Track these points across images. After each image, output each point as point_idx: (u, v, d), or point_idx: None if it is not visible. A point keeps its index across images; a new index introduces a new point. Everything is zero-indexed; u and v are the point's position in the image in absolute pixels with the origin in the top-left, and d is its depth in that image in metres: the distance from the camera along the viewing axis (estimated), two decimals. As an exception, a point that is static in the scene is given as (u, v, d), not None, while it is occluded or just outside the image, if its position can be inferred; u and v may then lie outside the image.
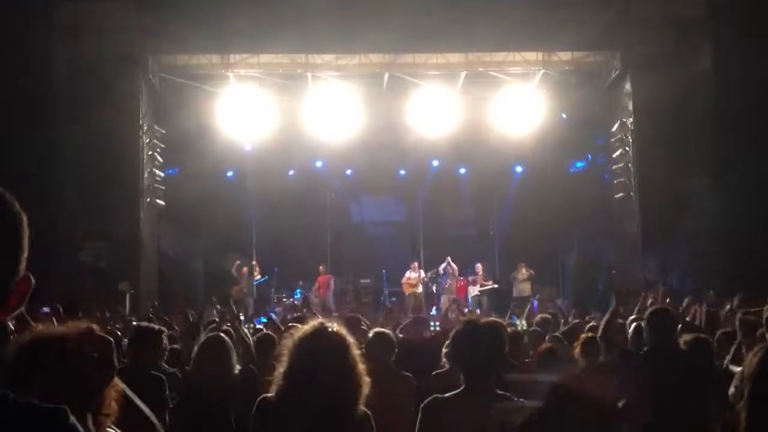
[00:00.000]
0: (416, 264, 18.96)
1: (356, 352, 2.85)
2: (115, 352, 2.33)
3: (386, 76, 17.51)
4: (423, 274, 18.86)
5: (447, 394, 3.18)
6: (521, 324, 6.26)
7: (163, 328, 5.48)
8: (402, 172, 21.44)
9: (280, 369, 2.84)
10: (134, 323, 5.66)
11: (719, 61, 15.90)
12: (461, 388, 3.17)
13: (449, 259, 18.84)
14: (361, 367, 2.83)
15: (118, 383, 2.50)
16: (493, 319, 3.42)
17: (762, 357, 2.48)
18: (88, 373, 2.16)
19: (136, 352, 4.98)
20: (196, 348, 5.00)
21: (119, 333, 6.53)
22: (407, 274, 18.89)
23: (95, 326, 2.30)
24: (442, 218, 21.91)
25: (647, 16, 16.44)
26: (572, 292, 19.35)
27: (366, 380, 2.83)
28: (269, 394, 2.85)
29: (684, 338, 5.50)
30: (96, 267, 15.58)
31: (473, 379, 3.15)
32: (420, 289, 18.73)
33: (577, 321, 8.36)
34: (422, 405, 3.19)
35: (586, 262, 19.65)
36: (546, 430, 2.75)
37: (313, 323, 2.91)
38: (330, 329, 2.85)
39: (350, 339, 2.85)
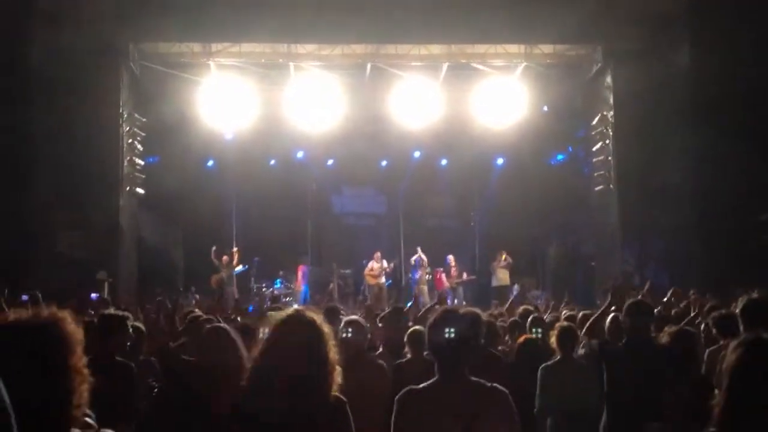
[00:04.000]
0: (378, 254, 18.95)
1: (330, 339, 2.86)
2: (63, 345, 2.20)
3: (368, 66, 17.48)
4: (386, 265, 18.88)
5: (421, 385, 3.19)
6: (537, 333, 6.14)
7: (128, 314, 5.45)
8: (383, 163, 21.44)
9: (255, 353, 2.86)
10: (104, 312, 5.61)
11: (698, 55, 16.03)
12: (435, 378, 3.19)
13: (419, 249, 18.85)
14: (334, 353, 2.85)
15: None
16: (470, 309, 3.43)
17: (741, 352, 2.51)
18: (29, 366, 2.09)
19: (102, 339, 4.96)
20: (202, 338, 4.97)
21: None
22: (370, 264, 18.92)
23: (67, 316, 2.24)
24: (423, 209, 21.97)
25: (628, 10, 16.51)
26: (551, 283, 19.48)
27: (338, 368, 2.85)
28: (243, 382, 2.87)
29: (668, 330, 5.58)
30: (74, 255, 15.48)
31: (448, 369, 3.17)
32: (383, 279, 18.77)
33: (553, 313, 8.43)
34: (397, 396, 3.20)
35: (565, 254, 19.79)
36: None
37: (288, 310, 2.93)
38: (305, 316, 2.87)
39: (325, 327, 2.87)
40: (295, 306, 3.09)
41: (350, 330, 5.14)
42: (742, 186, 15.11)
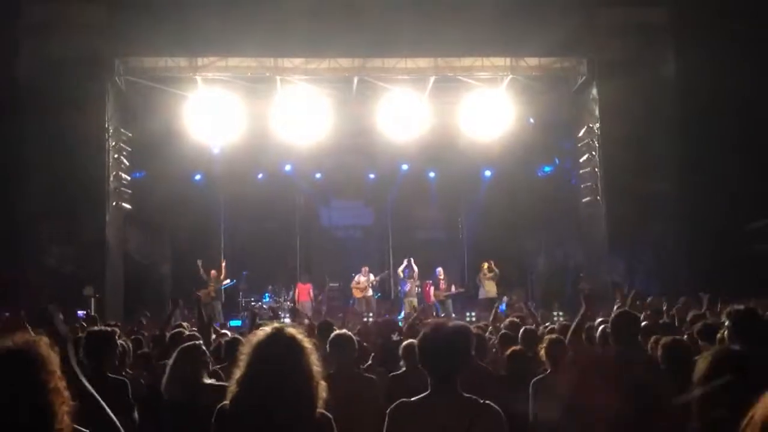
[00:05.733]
0: (366, 269, 18.96)
1: (313, 356, 2.83)
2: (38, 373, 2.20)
3: (355, 80, 17.51)
4: (372, 278, 18.87)
5: (413, 398, 3.17)
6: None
7: (116, 330, 5.40)
8: (371, 175, 21.45)
9: (237, 375, 2.82)
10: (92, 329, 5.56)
11: (683, 66, 16.20)
12: (428, 392, 3.17)
13: (412, 261, 18.84)
14: (317, 368, 2.82)
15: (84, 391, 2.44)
16: (460, 322, 3.41)
17: (710, 361, 2.52)
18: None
19: (92, 356, 4.91)
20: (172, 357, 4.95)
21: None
22: (356, 278, 18.92)
23: (41, 339, 2.23)
24: (412, 222, 21.98)
25: (612, 22, 16.69)
26: (540, 294, 19.49)
27: (323, 384, 2.81)
28: (226, 402, 2.83)
29: (659, 340, 5.56)
30: (61, 270, 15.36)
31: (440, 383, 3.15)
32: (370, 292, 18.76)
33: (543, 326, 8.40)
34: (389, 410, 3.18)
35: (554, 265, 19.82)
36: None
37: (269, 328, 2.89)
38: (286, 333, 2.83)
39: (307, 343, 2.84)
40: (276, 323, 3.02)
41: (339, 345, 5.12)
42: (730, 195, 15.22)
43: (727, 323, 4.82)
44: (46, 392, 2.14)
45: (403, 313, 17.50)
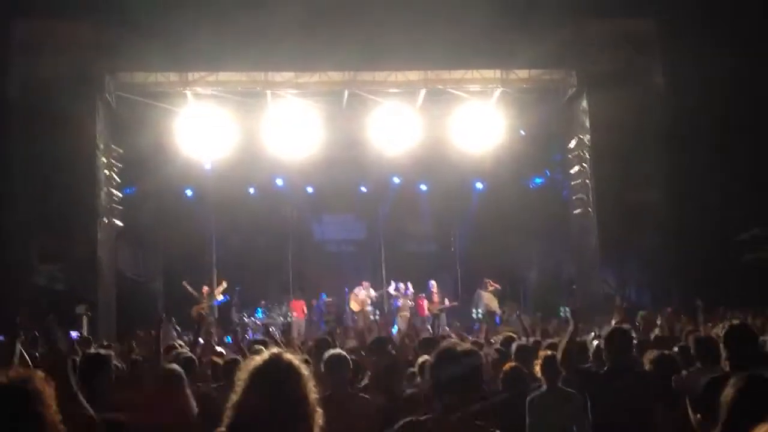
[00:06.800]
0: (367, 283, 18.98)
1: (310, 381, 2.82)
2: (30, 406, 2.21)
3: (346, 93, 17.54)
4: (373, 293, 18.87)
5: (422, 417, 3.18)
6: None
7: (110, 353, 5.36)
8: (363, 189, 21.45)
9: (233, 400, 2.80)
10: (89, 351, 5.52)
11: (671, 77, 16.31)
12: (438, 412, 3.17)
13: (409, 284, 18.92)
14: (314, 395, 2.80)
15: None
16: (470, 346, 3.44)
17: (740, 387, 2.51)
18: None
19: (87, 380, 4.88)
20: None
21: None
22: (356, 290, 18.92)
23: (35, 373, 2.23)
24: (404, 235, 21.97)
25: (601, 34, 16.81)
26: (533, 307, 19.49)
27: (319, 411, 2.80)
28: (222, 429, 2.81)
29: (649, 355, 5.58)
30: (52, 289, 15.28)
31: (451, 405, 3.16)
32: (368, 307, 18.75)
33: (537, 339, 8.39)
34: (396, 427, 3.18)
35: (546, 278, 19.85)
36: None
37: (266, 353, 2.87)
38: (283, 360, 2.82)
39: (304, 370, 2.82)
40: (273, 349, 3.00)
41: (333, 364, 5.10)
42: (720, 206, 15.31)
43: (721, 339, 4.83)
44: (42, 426, 2.13)
45: (396, 328, 17.48)
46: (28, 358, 5.13)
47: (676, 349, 6.55)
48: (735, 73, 14.84)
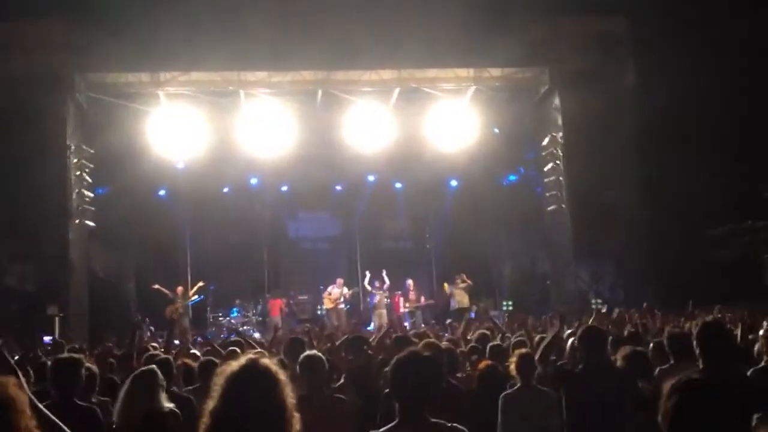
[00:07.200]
0: (341, 281, 18.97)
1: (287, 386, 2.82)
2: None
3: (320, 92, 17.52)
4: (346, 291, 18.87)
5: (382, 429, 3.20)
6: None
7: (81, 357, 5.32)
8: (338, 187, 21.44)
9: (209, 406, 2.80)
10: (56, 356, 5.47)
11: (643, 75, 16.49)
12: (396, 421, 3.19)
13: (384, 273, 18.89)
14: (291, 400, 2.81)
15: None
16: (429, 351, 3.45)
17: (676, 401, 2.55)
18: None
19: (59, 384, 4.85)
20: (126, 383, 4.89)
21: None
22: (329, 289, 18.92)
23: (8, 380, 2.22)
24: (379, 232, 22.01)
25: (573, 34, 16.96)
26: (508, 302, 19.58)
27: (296, 416, 2.81)
28: None
29: (621, 352, 5.63)
30: (22, 290, 15.12)
31: (409, 411, 3.18)
32: (342, 305, 18.74)
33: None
34: None
35: (521, 273, 19.98)
36: None
37: (242, 359, 2.87)
38: (260, 365, 2.82)
39: (281, 375, 2.83)
40: (249, 355, 3.00)
41: (309, 366, 5.10)
42: (694, 201, 15.51)
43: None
44: None
45: (372, 325, 17.50)
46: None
47: (651, 345, 6.63)
48: (705, 72, 15.05)
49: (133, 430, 4.68)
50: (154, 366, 4.99)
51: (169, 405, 4.78)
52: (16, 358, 7.26)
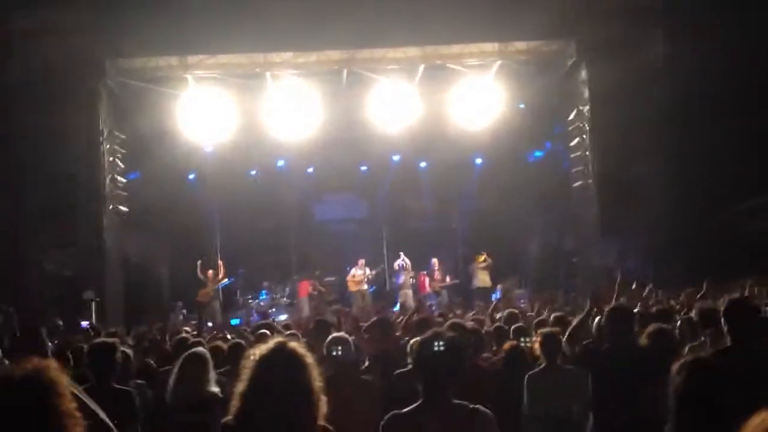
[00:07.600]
0: (362, 262, 19.02)
1: (314, 369, 2.91)
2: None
3: (345, 72, 17.52)
4: (368, 271, 18.92)
5: (405, 410, 3.27)
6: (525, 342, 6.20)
7: (116, 342, 5.48)
8: (363, 168, 21.47)
9: (239, 389, 2.90)
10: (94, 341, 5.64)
11: (672, 48, 16.20)
12: (419, 402, 3.26)
13: (402, 254, 18.94)
14: (318, 383, 2.90)
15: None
16: (454, 332, 3.52)
17: (686, 376, 2.59)
18: None
19: (95, 368, 5.02)
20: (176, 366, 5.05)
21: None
22: (352, 271, 19.00)
23: (49, 363, 2.30)
24: (405, 213, 21.93)
25: (601, 4, 16.67)
26: (533, 280, 19.49)
27: (323, 399, 2.90)
28: (230, 417, 2.91)
29: (648, 329, 5.64)
30: (61, 275, 15.45)
31: (432, 392, 3.25)
32: (365, 286, 18.82)
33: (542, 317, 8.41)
34: (382, 423, 3.28)
35: (547, 251, 19.84)
36: None
37: (271, 342, 2.96)
38: (288, 349, 2.91)
39: (309, 358, 2.92)
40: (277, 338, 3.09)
41: (336, 348, 5.21)
42: (721, 176, 15.30)
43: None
44: (59, 416, 2.20)
45: (398, 306, 17.60)
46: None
47: (679, 322, 6.62)
48: (735, 45, 14.76)
49: (188, 411, 4.86)
50: (202, 348, 5.14)
51: (216, 389, 4.94)
52: (56, 342, 7.51)
